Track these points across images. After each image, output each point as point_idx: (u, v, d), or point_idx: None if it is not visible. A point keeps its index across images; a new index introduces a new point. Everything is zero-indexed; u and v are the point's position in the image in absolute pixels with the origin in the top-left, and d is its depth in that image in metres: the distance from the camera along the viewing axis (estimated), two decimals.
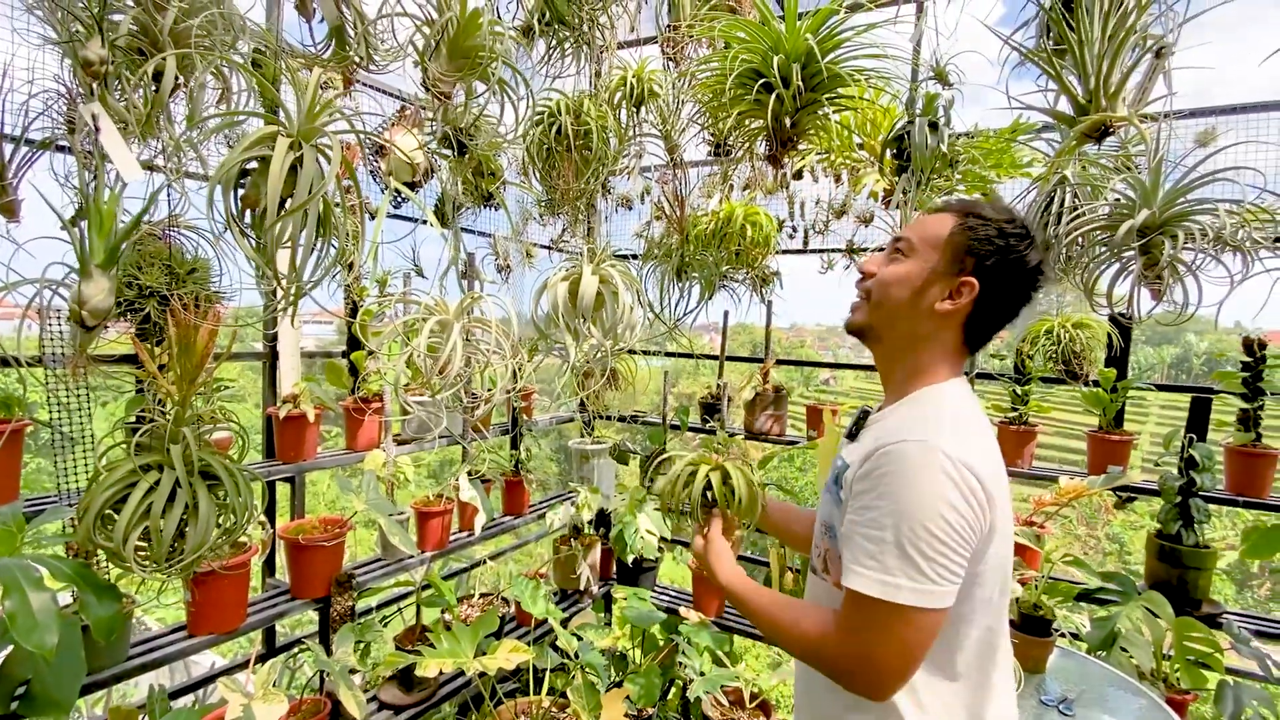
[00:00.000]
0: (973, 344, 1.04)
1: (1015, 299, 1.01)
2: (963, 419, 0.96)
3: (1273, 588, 11.63)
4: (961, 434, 0.92)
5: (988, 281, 0.99)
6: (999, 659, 0.98)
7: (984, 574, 0.92)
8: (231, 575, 1.75)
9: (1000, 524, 0.92)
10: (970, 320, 1.01)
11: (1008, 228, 0.99)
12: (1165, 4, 1.48)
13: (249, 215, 1.06)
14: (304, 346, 2.40)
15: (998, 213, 1.01)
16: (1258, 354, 2.24)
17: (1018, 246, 0.99)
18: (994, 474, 0.91)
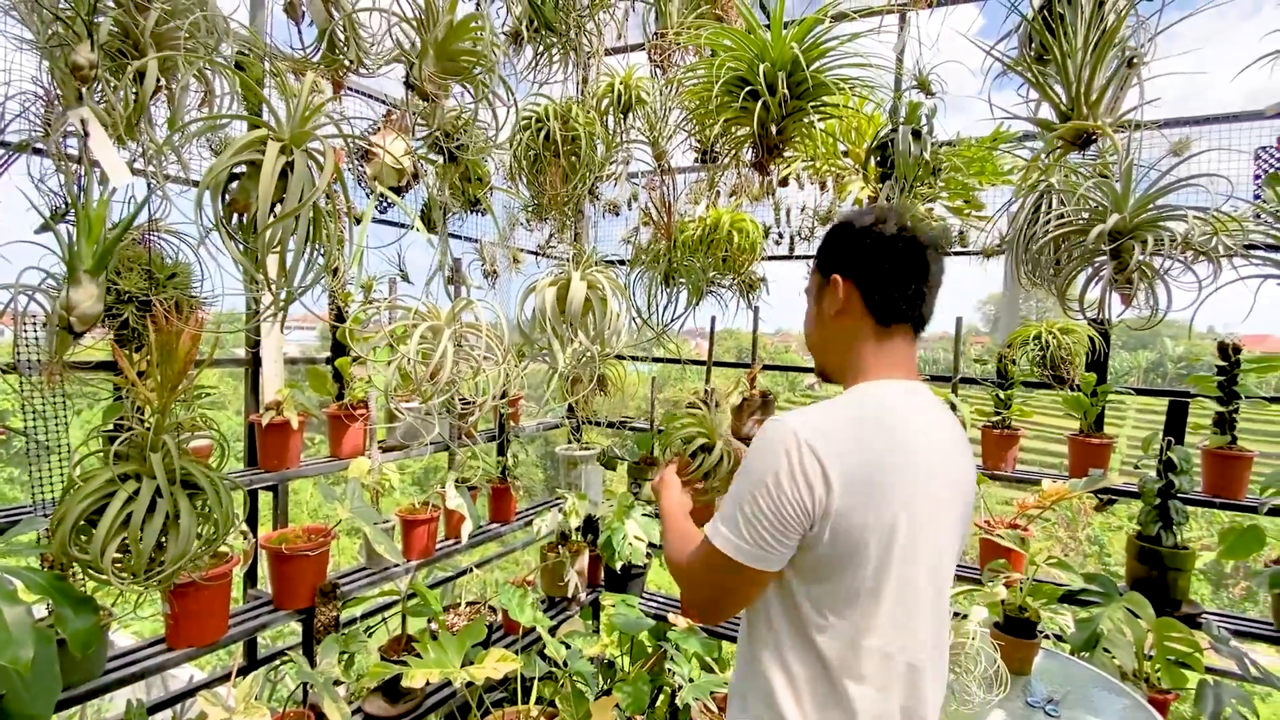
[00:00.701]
0: (883, 317, 1.02)
1: (891, 265, 0.99)
2: (854, 408, 0.96)
3: (1247, 587, 11.87)
4: (834, 420, 0.94)
5: (852, 267, 1.02)
6: (875, 663, 0.94)
7: (832, 559, 0.92)
8: (212, 586, 1.72)
9: (854, 513, 0.89)
10: (866, 303, 1.02)
11: (854, 219, 1.04)
12: (1139, 17, 1.52)
13: (234, 220, 1.05)
14: (287, 353, 2.37)
15: (848, 215, 1.06)
16: (1232, 358, 2.29)
17: (865, 226, 1.01)
18: (860, 465, 0.90)
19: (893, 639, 0.94)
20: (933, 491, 0.96)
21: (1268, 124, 2.27)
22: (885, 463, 0.91)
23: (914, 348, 1.06)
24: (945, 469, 0.99)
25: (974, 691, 1.63)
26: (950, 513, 1.00)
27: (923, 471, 0.94)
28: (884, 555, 0.91)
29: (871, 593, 0.92)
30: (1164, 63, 1.55)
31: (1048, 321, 2.58)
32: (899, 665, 0.95)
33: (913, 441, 0.95)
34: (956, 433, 1.05)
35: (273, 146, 0.96)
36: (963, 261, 2.93)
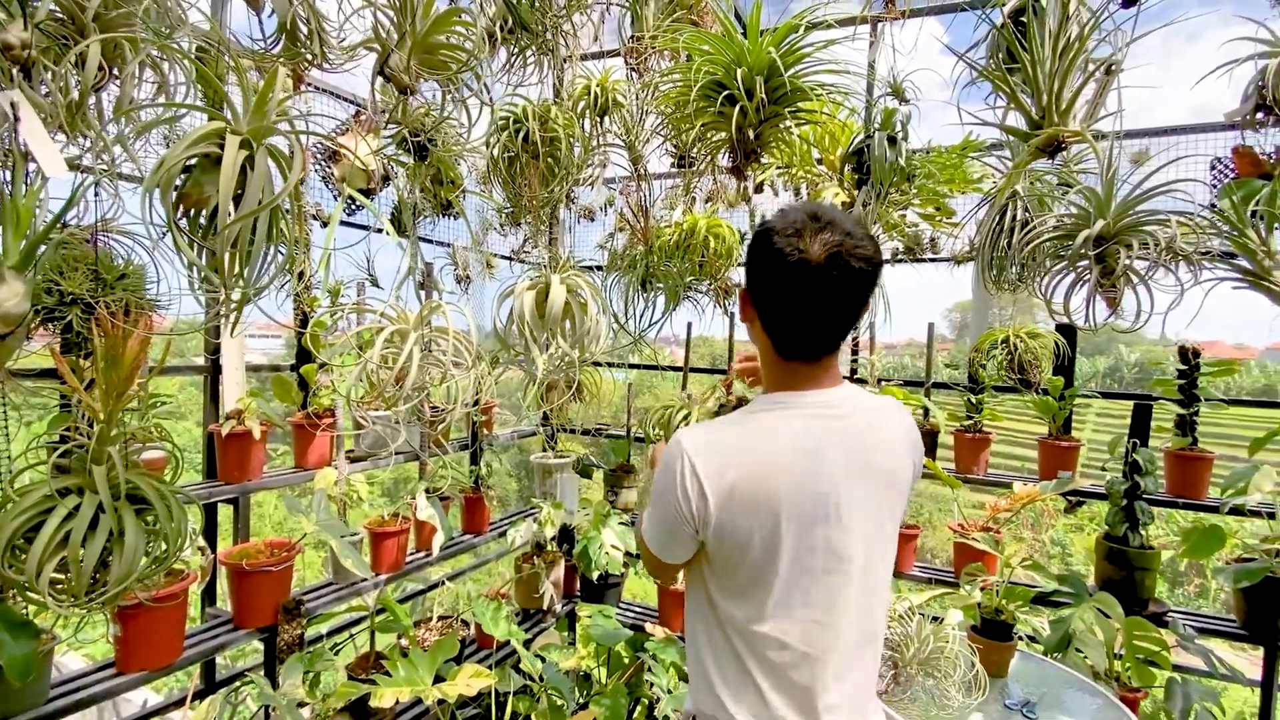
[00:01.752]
0: (781, 348, 1.04)
1: (777, 275, 0.97)
2: (747, 422, 1.04)
3: (1202, 584, 12.29)
4: (722, 438, 1.02)
5: (756, 287, 1.02)
6: (763, 668, 1.01)
7: (721, 556, 1.01)
8: (164, 606, 1.62)
9: (735, 519, 0.97)
10: (766, 328, 1.04)
11: (763, 228, 1.02)
12: (1106, 28, 1.56)
13: (186, 216, 0.99)
14: (250, 360, 2.28)
15: (771, 223, 1.02)
16: (1192, 362, 2.36)
17: (767, 241, 0.99)
18: (741, 478, 0.97)
19: (787, 629, 1.00)
20: (827, 491, 0.99)
21: (1221, 136, 2.36)
22: (767, 472, 0.97)
23: (829, 361, 1.06)
24: (854, 467, 1.01)
25: (953, 695, 1.63)
26: (863, 506, 1.02)
27: (821, 475, 0.99)
28: (768, 554, 0.98)
29: (761, 584, 1.00)
30: (1123, 75, 1.60)
31: (1015, 326, 2.63)
32: (796, 652, 1.01)
33: (806, 448, 0.99)
34: (878, 430, 1.06)
35: (232, 140, 0.91)
36: (933, 268, 2.98)
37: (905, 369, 6.71)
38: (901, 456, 1.07)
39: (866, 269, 0.97)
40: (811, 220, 0.97)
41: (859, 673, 1.07)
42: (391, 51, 1.22)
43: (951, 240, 2.84)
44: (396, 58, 1.23)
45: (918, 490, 4.30)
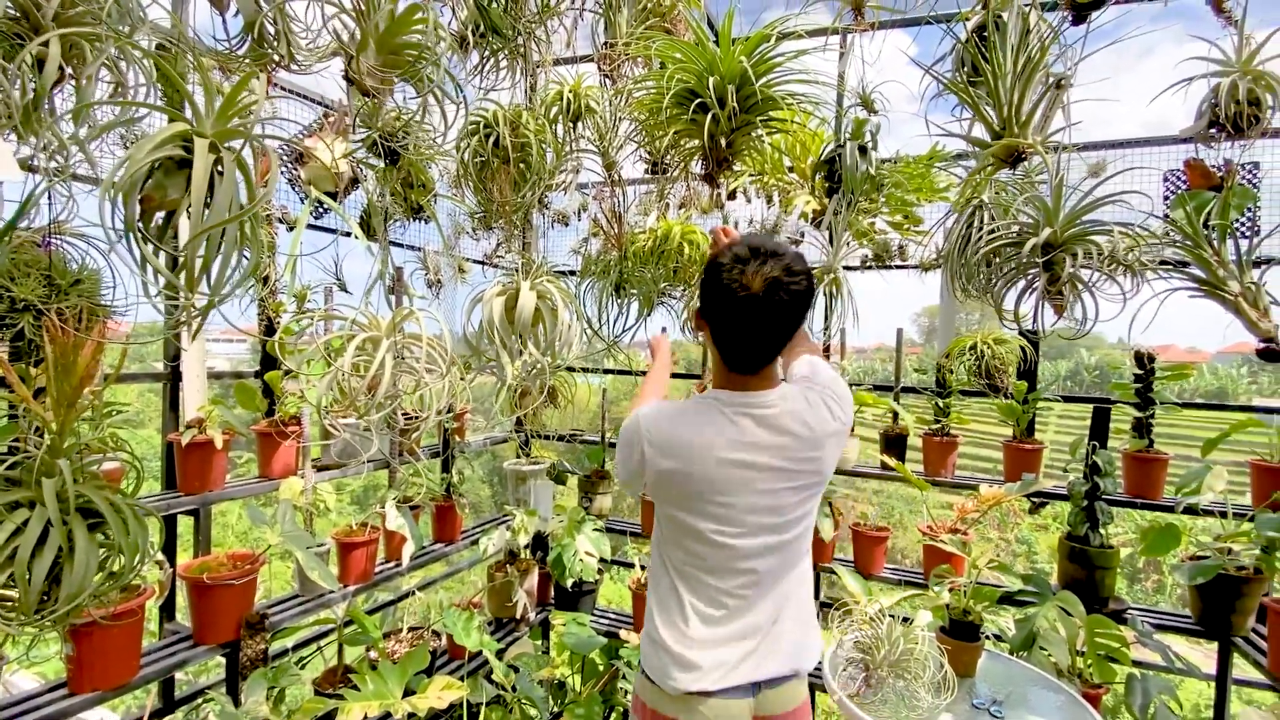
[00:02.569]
0: (728, 362, 1.27)
1: (724, 301, 1.18)
2: (679, 410, 1.29)
3: (1158, 581, 12.72)
4: (665, 416, 1.28)
5: (708, 311, 1.24)
6: (683, 598, 1.28)
7: (657, 487, 1.28)
8: (121, 623, 1.56)
9: (660, 461, 1.24)
10: (717, 344, 1.26)
11: (713, 262, 1.21)
12: (1060, 45, 1.62)
13: (143, 219, 0.95)
14: (212, 366, 2.22)
15: (721, 256, 1.22)
16: (1148, 366, 2.45)
17: (717, 273, 1.19)
18: (671, 441, 1.24)
19: (701, 563, 1.28)
20: (748, 452, 1.23)
21: (1174, 149, 2.46)
22: (697, 457, 1.22)
23: (766, 370, 1.27)
24: (773, 451, 1.24)
25: (923, 696, 1.65)
26: (773, 483, 1.25)
27: (740, 459, 1.22)
28: (685, 490, 1.24)
29: (685, 511, 1.26)
30: (1079, 90, 1.66)
31: (983, 332, 2.69)
32: (714, 587, 1.27)
33: (730, 438, 1.23)
34: (799, 423, 1.26)
35: (201, 144, 0.88)
36: (901, 274, 3.04)
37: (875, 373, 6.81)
38: (819, 446, 1.27)
39: (799, 297, 1.18)
40: (753, 255, 1.17)
41: (777, 619, 1.30)
42: (354, 55, 1.20)
43: (920, 248, 2.90)
44: (361, 61, 1.21)
45: (887, 492, 4.38)
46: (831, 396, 1.31)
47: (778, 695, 1.30)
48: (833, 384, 1.34)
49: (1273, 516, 2.02)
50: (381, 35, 1.22)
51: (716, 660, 1.26)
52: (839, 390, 1.33)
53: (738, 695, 1.27)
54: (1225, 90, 1.82)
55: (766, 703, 1.29)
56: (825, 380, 1.34)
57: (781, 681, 1.31)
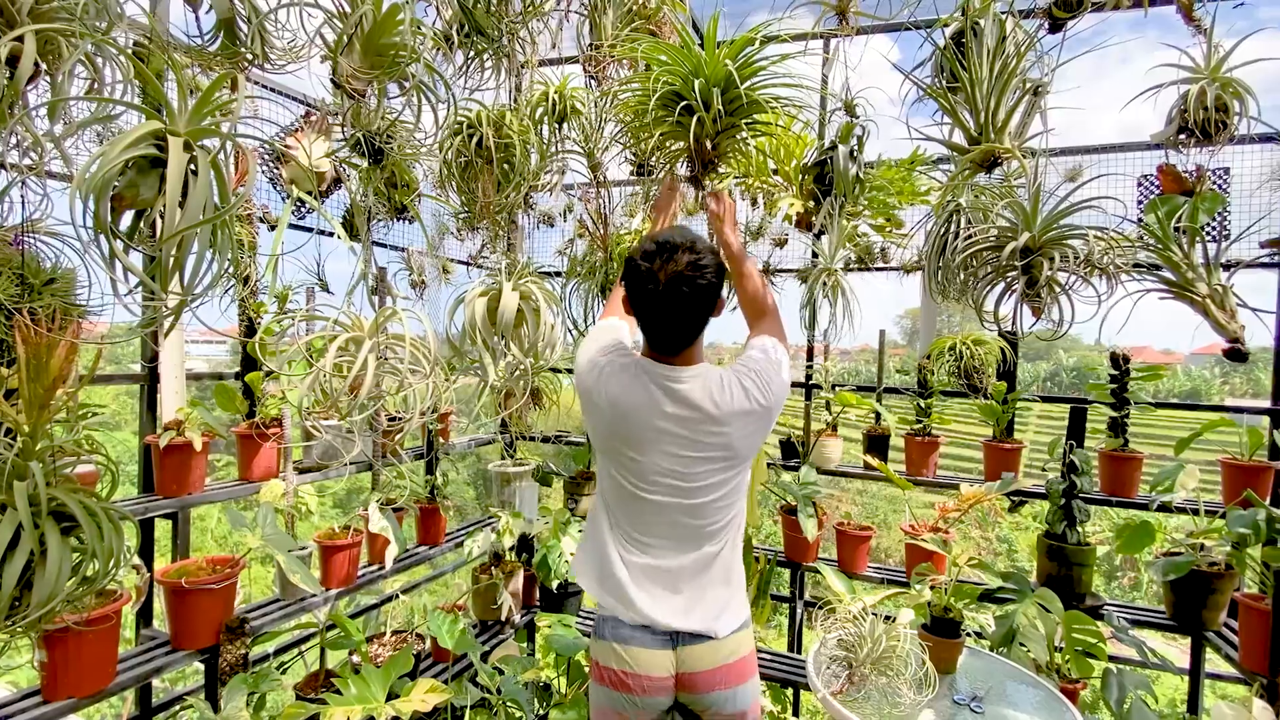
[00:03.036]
0: (650, 345, 1.41)
1: (637, 292, 1.32)
2: (621, 367, 1.41)
3: (1135, 578, 12.96)
4: (605, 369, 1.41)
5: (629, 300, 1.37)
6: (610, 517, 1.45)
7: (586, 414, 1.45)
8: (96, 629, 1.54)
9: (594, 402, 1.41)
10: (640, 329, 1.40)
11: (629, 255, 1.35)
12: (1037, 52, 1.65)
13: (117, 218, 0.94)
14: (191, 368, 2.18)
15: (639, 249, 1.36)
16: (1123, 367, 2.50)
17: (635, 258, 1.33)
18: (604, 391, 1.39)
19: (621, 506, 1.43)
20: (660, 418, 1.35)
21: (1148, 154, 2.51)
22: (616, 392, 1.37)
23: (686, 353, 1.38)
24: (668, 411, 1.35)
25: (905, 693, 1.67)
26: (681, 449, 1.36)
27: (652, 423, 1.35)
28: (607, 435, 1.40)
29: (605, 455, 1.44)
30: (1056, 96, 1.69)
31: (963, 334, 2.73)
32: (632, 529, 1.42)
33: (641, 401, 1.36)
34: (708, 396, 1.36)
35: (176, 143, 0.87)
36: (884, 276, 3.07)
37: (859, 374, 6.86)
38: (724, 423, 1.35)
39: (703, 290, 1.30)
40: (659, 251, 1.29)
41: (682, 547, 1.40)
42: (337, 58, 1.19)
43: (901, 250, 2.94)
44: (345, 63, 1.20)
45: (870, 492, 4.42)
46: (751, 376, 1.39)
47: (696, 653, 1.37)
48: (761, 366, 1.41)
49: (1243, 513, 2.06)
50: (366, 36, 1.22)
51: (635, 595, 1.38)
52: (766, 374, 1.40)
53: (657, 645, 1.36)
54: (1194, 97, 1.86)
55: (688, 659, 1.37)
56: (754, 363, 1.42)
57: (699, 640, 1.37)
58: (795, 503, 2.73)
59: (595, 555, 1.46)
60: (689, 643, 1.37)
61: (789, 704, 2.72)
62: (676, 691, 1.39)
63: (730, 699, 1.39)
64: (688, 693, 1.39)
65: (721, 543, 1.43)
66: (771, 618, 3.07)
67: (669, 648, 1.37)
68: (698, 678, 1.37)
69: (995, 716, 1.65)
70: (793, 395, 1.62)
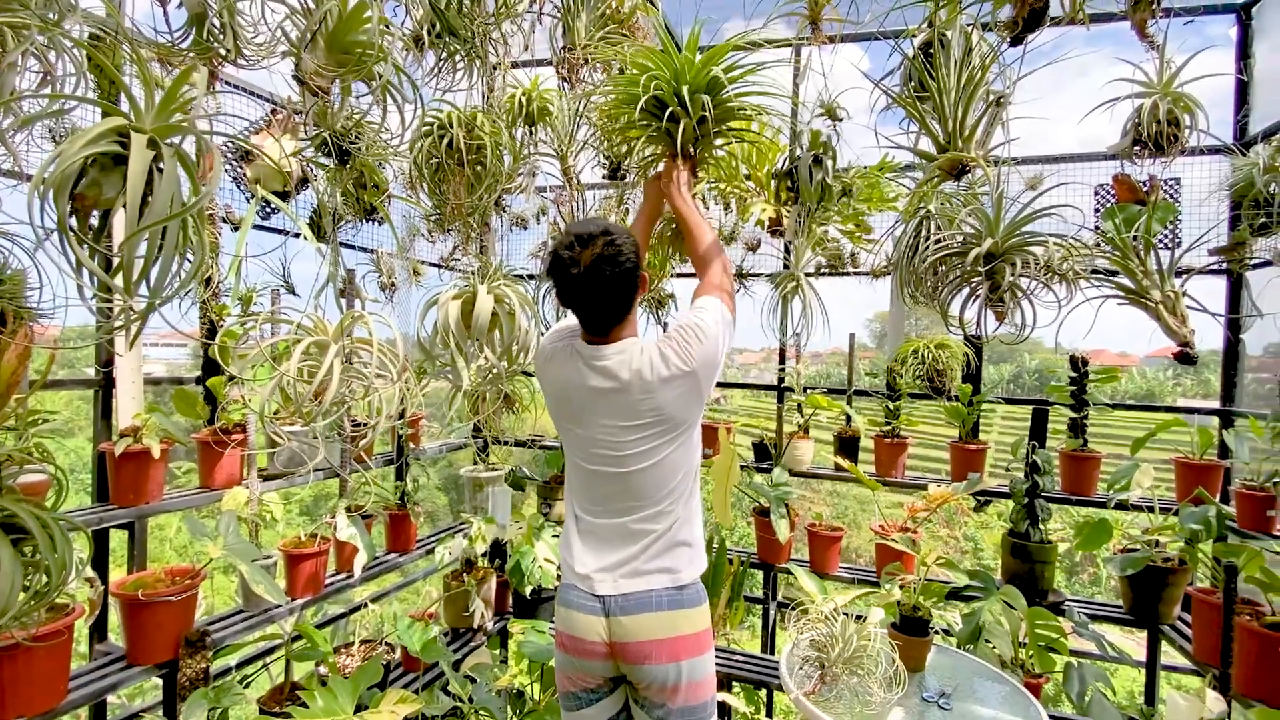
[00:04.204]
0: (583, 326, 1.49)
1: (561, 279, 1.40)
2: (557, 351, 1.53)
3: (1094, 572, 13.39)
4: (546, 353, 1.55)
5: (551, 273, 1.44)
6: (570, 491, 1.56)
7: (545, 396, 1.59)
8: (46, 644, 1.47)
9: (545, 385, 1.56)
10: (559, 298, 1.47)
11: (553, 246, 1.44)
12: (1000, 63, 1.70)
13: (75, 216, 0.90)
14: (149, 372, 2.11)
15: (565, 235, 1.44)
16: (1082, 369, 2.58)
17: (557, 249, 1.41)
18: (547, 372, 1.54)
19: (572, 471, 1.54)
20: (583, 405, 1.46)
21: (1105, 165, 2.60)
22: (553, 372, 1.51)
23: (615, 331, 1.46)
24: (605, 393, 1.43)
25: (875, 692, 1.70)
26: (611, 418, 1.44)
27: (581, 398, 1.46)
28: (554, 410, 1.54)
29: (557, 426, 1.57)
30: (1017, 107, 1.74)
31: (928, 337, 2.79)
32: (584, 493, 1.51)
33: (573, 379, 1.47)
34: (630, 370, 1.43)
35: (138, 139, 0.84)
36: (855, 280, 3.12)
37: (829, 377, 6.93)
38: (651, 390, 1.41)
39: (621, 271, 1.38)
40: (579, 239, 1.38)
41: (619, 518, 1.46)
42: (300, 53, 1.17)
43: (871, 255, 2.99)
44: (309, 59, 1.17)
45: (840, 493, 4.47)
46: (673, 344, 1.43)
47: (625, 624, 1.40)
48: (685, 332, 1.45)
49: (1195, 510, 2.15)
50: (331, 33, 1.19)
51: (578, 558, 1.47)
52: (688, 338, 1.44)
53: (590, 611, 1.42)
54: (1147, 110, 1.94)
55: (616, 628, 1.40)
56: (680, 330, 1.46)
57: (630, 610, 1.40)
58: (768, 504, 2.76)
59: (565, 529, 1.57)
60: (618, 612, 1.41)
61: (762, 705, 2.74)
62: (613, 659, 1.43)
63: (663, 675, 1.39)
64: (621, 662, 1.42)
65: (665, 517, 1.46)
66: (745, 619, 3.10)
67: (600, 615, 1.42)
68: (628, 647, 1.40)
69: (963, 713, 1.69)
70: (765, 398, 1.65)
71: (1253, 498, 2.16)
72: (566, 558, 1.52)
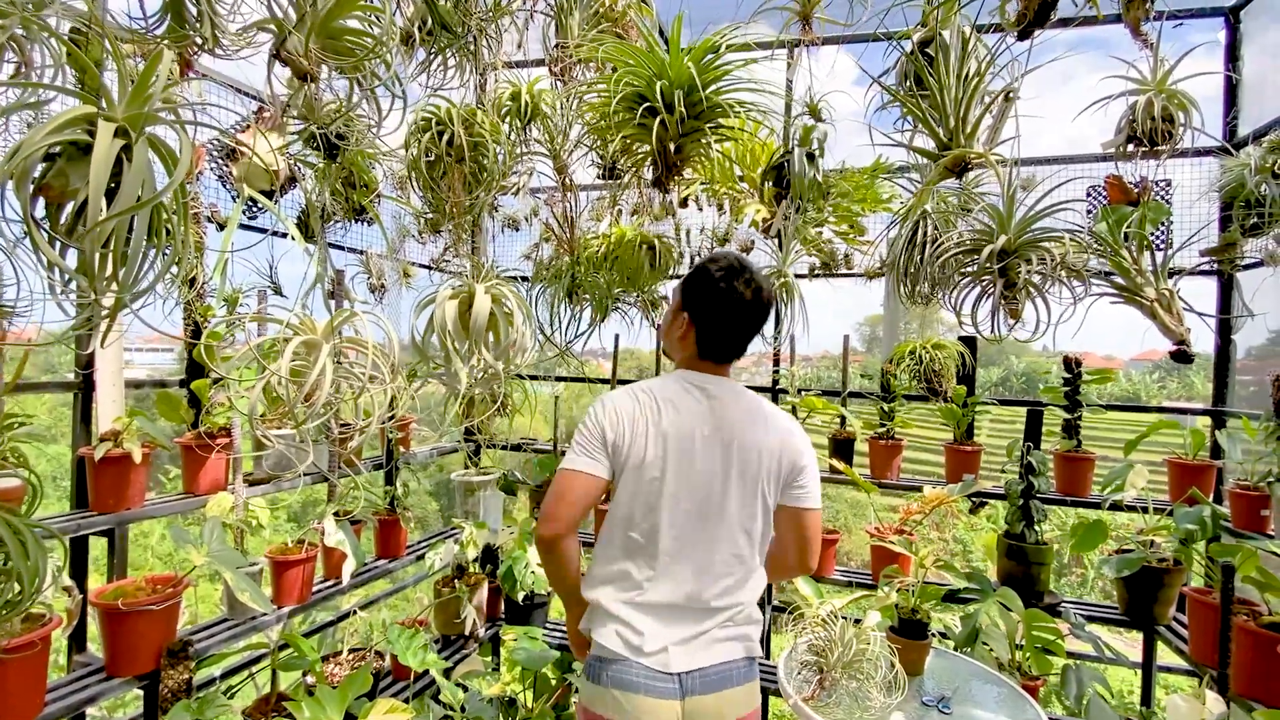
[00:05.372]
0: (705, 351, 1.42)
1: (715, 308, 1.37)
2: (643, 390, 1.39)
3: (1081, 574, 13.49)
4: (627, 393, 1.38)
5: (696, 305, 1.39)
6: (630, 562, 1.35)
7: (616, 488, 1.35)
8: (20, 655, 1.42)
9: (628, 446, 1.33)
10: (699, 336, 1.41)
11: (705, 265, 1.40)
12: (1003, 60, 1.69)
13: (48, 210, 0.87)
14: (133, 376, 2.06)
15: (708, 259, 1.41)
16: (1075, 371, 2.58)
17: (707, 271, 1.38)
18: (635, 416, 1.35)
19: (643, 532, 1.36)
20: (693, 446, 1.33)
21: (1095, 166, 2.61)
22: (653, 419, 1.34)
23: (725, 364, 1.43)
24: (713, 435, 1.35)
25: (875, 696, 1.67)
26: (718, 462, 1.34)
27: (684, 431, 1.33)
28: (637, 473, 1.33)
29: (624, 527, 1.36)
30: (1017, 105, 1.74)
31: (924, 338, 2.78)
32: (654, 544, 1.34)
33: (680, 409, 1.35)
34: (751, 414, 1.39)
35: (106, 127, 0.80)
36: (848, 283, 3.12)
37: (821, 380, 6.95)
38: (762, 431, 1.37)
39: (769, 305, 1.40)
40: (739, 267, 1.37)
41: (709, 568, 1.34)
42: (289, 33, 1.13)
43: (864, 257, 2.99)
44: (295, 40, 1.14)
45: (832, 496, 4.46)
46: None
47: (710, 703, 1.30)
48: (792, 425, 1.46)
49: (1189, 510, 2.15)
50: (320, 17, 1.16)
51: (645, 627, 1.32)
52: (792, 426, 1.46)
53: (663, 693, 1.28)
54: (1142, 107, 1.94)
55: (698, 710, 1.28)
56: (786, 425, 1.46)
57: (714, 686, 1.32)
58: None
59: (601, 600, 1.38)
60: (699, 690, 1.28)
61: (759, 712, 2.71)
62: None
63: None
64: None
65: (735, 537, 1.37)
66: None
67: (676, 696, 1.27)
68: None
69: (963, 716, 1.67)
70: None
71: (1247, 497, 2.16)
72: (621, 634, 1.31)
